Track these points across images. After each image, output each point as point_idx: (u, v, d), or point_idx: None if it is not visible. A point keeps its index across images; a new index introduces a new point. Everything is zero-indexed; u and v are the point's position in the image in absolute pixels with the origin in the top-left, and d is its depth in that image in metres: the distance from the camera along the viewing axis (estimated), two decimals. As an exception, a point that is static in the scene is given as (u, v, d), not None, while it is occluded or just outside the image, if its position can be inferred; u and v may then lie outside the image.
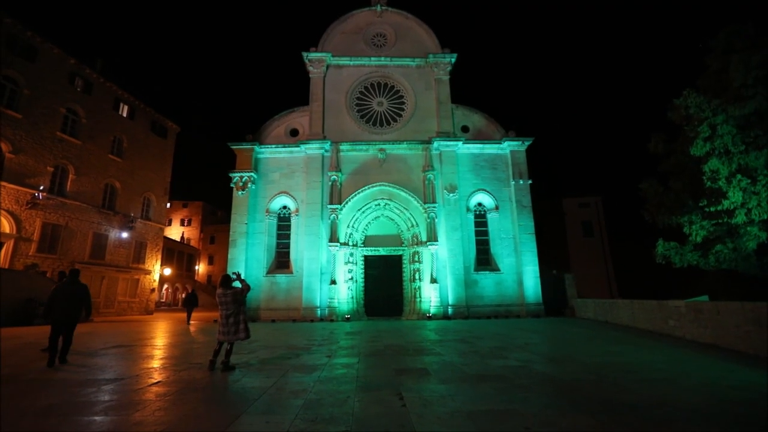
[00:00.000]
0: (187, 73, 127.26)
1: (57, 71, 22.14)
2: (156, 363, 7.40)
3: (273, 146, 22.04)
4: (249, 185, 21.20)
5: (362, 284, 21.15)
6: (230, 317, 6.80)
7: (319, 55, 22.97)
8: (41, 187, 20.56)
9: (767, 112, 11.79)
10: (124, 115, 26.58)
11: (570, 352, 8.40)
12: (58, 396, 4.95)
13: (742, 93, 12.13)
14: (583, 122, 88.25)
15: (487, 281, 20.60)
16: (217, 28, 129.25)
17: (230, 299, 6.83)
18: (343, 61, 23.36)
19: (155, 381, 5.81)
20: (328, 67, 23.20)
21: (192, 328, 15.41)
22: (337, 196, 20.95)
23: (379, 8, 24.36)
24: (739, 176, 11.72)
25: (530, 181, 21.66)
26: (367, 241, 21.76)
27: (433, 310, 19.42)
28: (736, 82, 12.19)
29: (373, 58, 23.45)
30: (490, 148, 22.31)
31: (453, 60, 23.17)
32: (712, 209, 12.46)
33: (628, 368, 6.44)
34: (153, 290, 28.51)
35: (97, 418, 4.07)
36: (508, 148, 22.01)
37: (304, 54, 22.98)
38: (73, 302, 7.21)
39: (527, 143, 21.98)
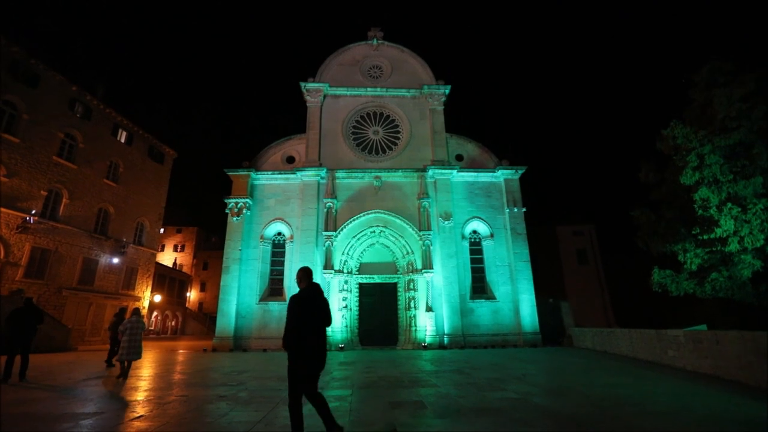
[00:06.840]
0: (188, 99, 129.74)
1: (58, 97, 22.43)
2: (140, 395, 7.08)
3: (269, 173, 22.15)
4: (244, 211, 21.12)
5: (357, 312, 20.72)
6: (140, 340, 9.03)
7: (316, 85, 23.57)
8: (33, 211, 20.34)
9: (752, 143, 12.15)
10: (122, 140, 26.76)
11: (569, 383, 8.16)
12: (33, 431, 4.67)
13: (726, 125, 12.55)
14: (575, 151, 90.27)
15: (483, 310, 20.30)
16: (219, 57, 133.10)
17: (143, 326, 9.26)
18: (340, 91, 23.96)
19: (137, 415, 5.53)
20: (325, 96, 23.76)
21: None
22: (332, 222, 20.89)
23: (375, 42, 25.28)
24: (729, 204, 11.89)
25: (524, 209, 21.81)
26: (362, 269, 21.51)
27: (428, 340, 18.98)
28: (720, 114, 12.64)
29: (369, 89, 24.08)
30: (484, 177, 22.59)
31: (447, 91, 23.86)
32: (705, 237, 12.55)
33: (630, 401, 6.24)
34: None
35: (72, 456, 3.82)
36: (502, 176, 22.30)
37: (302, 84, 23.57)
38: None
39: (521, 171, 22.30)
